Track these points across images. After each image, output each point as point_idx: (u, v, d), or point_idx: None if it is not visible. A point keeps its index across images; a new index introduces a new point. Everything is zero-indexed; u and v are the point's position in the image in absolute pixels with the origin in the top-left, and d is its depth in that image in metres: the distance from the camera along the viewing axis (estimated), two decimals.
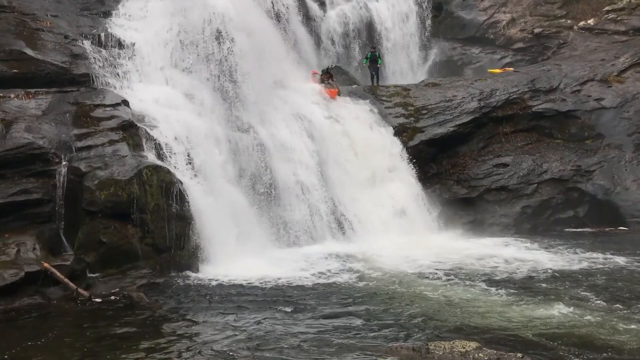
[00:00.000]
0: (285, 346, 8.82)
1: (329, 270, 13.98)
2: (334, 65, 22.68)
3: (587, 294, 11.67)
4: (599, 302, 11.07)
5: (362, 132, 19.50)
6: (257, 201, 16.53)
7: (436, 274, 13.68)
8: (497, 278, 13.13)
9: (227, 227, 14.90)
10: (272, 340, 9.11)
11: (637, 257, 14.76)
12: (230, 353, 8.53)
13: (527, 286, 12.39)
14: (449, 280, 13.12)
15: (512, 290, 12.00)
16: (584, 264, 14.31)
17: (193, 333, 9.68)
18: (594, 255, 15.20)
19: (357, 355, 8.48)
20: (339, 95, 20.50)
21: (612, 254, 15.23)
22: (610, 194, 19.62)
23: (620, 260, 14.57)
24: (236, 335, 9.43)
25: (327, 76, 21.11)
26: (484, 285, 12.51)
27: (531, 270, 13.82)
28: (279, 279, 13.17)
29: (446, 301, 11.39)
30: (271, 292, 12.19)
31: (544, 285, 12.50)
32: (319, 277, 13.41)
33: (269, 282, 12.94)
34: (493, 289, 12.17)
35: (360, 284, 12.83)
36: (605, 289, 11.99)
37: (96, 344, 9.21)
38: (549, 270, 13.68)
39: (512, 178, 19.76)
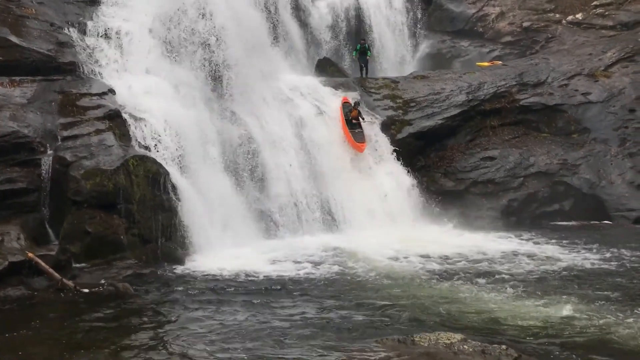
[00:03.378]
0: (267, 340, 8.81)
1: (315, 262, 13.97)
2: (360, 101, 19.48)
3: (576, 289, 11.59)
4: (591, 298, 10.97)
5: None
6: (245, 192, 16.49)
7: (422, 266, 13.73)
8: (484, 271, 13.18)
9: (214, 218, 14.87)
10: (253, 333, 9.10)
11: (624, 252, 14.83)
12: (208, 348, 8.51)
13: (514, 280, 12.39)
14: (435, 273, 13.17)
15: (499, 284, 12.02)
16: (574, 259, 14.30)
17: (177, 324, 9.65)
18: (583, 249, 15.27)
19: (342, 347, 8.50)
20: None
21: (599, 247, 15.28)
22: (595, 187, 19.80)
23: (610, 255, 14.56)
24: (219, 327, 9.40)
25: (356, 113, 18.86)
26: (470, 279, 12.54)
27: (518, 264, 13.87)
28: (265, 270, 13.15)
29: (432, 294, 11.43)
30: (256, 284, 12.17)
31: (532, 279, 12.50)
32: (305, 269, 13.40)
33: (254, 273, 12.92)
34: (480, 283, 12.21)
35: (346, 277, 12.85)
36: (595, 285, 11.93)
37: (80, 335, 9.15)
38: (537, 264, 13.71)
39: (499, 171, 19.88)
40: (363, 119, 19.14)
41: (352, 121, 18.96)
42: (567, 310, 10.19)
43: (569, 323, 9.54)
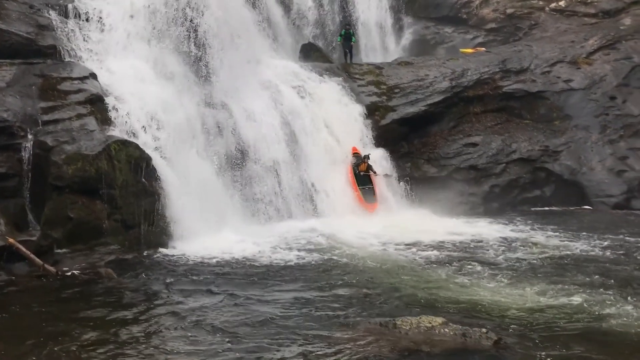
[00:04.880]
0: (249, 326, 8.82)
1: (297, 247, 14.02)
2: (369, 155, 18.44)
3: (568, 277, 11.44)
4: (583, 285, 10.82)
5: (334, 109, 19.47)
6: (228, 178, 16.44)
7: (405, 251, 13.83)
8: (466, 257, 13.26)
9: (198, 203, 14.79)
10: (235, 320, 9.09)
11: (604, 237, 14.97)
12: (189, 334, 8.51)
13: (498, 266, 12.45)
14: (418, 258, 13.27)
15: (482, 269, 12.08)
16: (565, 245, 14.28)
17: (159, 310, 9.61)
18: (573, 235, 15.32)
19: (324, 332, 8.56)
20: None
21: (590, 234, 15.34)
22: (576, 174, 20.06)
23: (603, 241, 14.56)
24: (200, 313, 9.39)
25: (365, 166, 18.11)
26: (453, 264, 12.62)
27: (501, 249, 13.92)
28: (248, 256, 13.17)
29: (415, 279, 11.51)
30: (239, 270, 12.17)
31: (516, 265, 12.51)
32: (289, 254, 13.41)
33: (237, 259, 12.93)
34: (463, 268, 12.28)
35: (329, 262, 12.89)
36: (587, 272, 11.77)
37: (61, 321, 9.09)
38: (520, 250, 13.74)
39: (481, 157, 20.04)
40: (375, 172, 18.29)
41: (360, 174, 18.23)
42: (557, 297, 10.13)
43: (558, 310, 9.48)
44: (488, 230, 16.25)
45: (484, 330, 8.11)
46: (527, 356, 7.69)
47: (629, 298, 10.05)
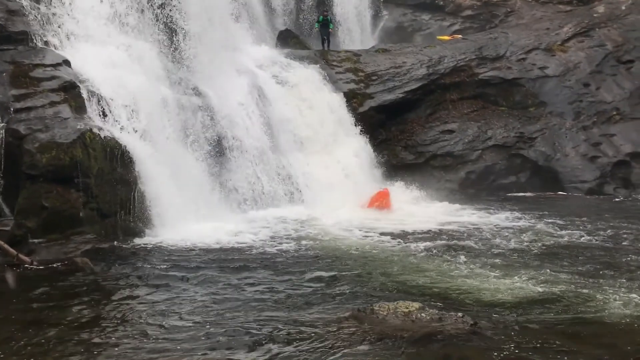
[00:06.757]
0: (227, 316, 8.80)
1: (276, 236, 14.02)
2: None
3: (557, 265, 11.35)
4: (573, 273, 10.75)
5: (311, 97, 19.47)
6: (206, 165, 16.36)
7: (383, 238, 13.91)
8: (444, 243, 13.35)
9: (175, 191, 14.70)
10: (213, 309, 9.04)
11: (596, 224, 15.07)
12: (165, 323, 8.48)
13: (474, 252, 12.51)
14: (395, 244, 13.36)
15: (459, 256, 12.13)
16: (548, 231, 14.30)
17: (135, 300, 9.54)
18: (555, 221, 15.41)
19: (302, 319, 8.60)
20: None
21: (569, 219, 15.51)
22: (550, 160, 20.37)
23: (582, 227, 14.74)
24: (177, 302, 9.33)
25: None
26: (430, 250, 12.71)
27: (489, 236, 13.90)
28: (228, 244, 13.14)
29: (392, 265, 11.58)
30: (218, 258, 12.12)
31: (493, 251, 12.54)
32: (266, 242, 13.42)
33: (216, 247, 12.89)
34: (440, 254, 12.36)
35: (307, 250, 12.90)
36: (576, 260, 11.75)
37: (36, 311, 8.97)
38: (511, 238, 13.70)
39: (458, 144, 20.24)
40: None
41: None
42: (546, 286, 9.99)
43: (546, 300, 9.34)
44: (472, 217, 16.20)
45: (460, 314, 8.20)
46: (502, 340, 7.79)
47: (620, 288, 9.93)
